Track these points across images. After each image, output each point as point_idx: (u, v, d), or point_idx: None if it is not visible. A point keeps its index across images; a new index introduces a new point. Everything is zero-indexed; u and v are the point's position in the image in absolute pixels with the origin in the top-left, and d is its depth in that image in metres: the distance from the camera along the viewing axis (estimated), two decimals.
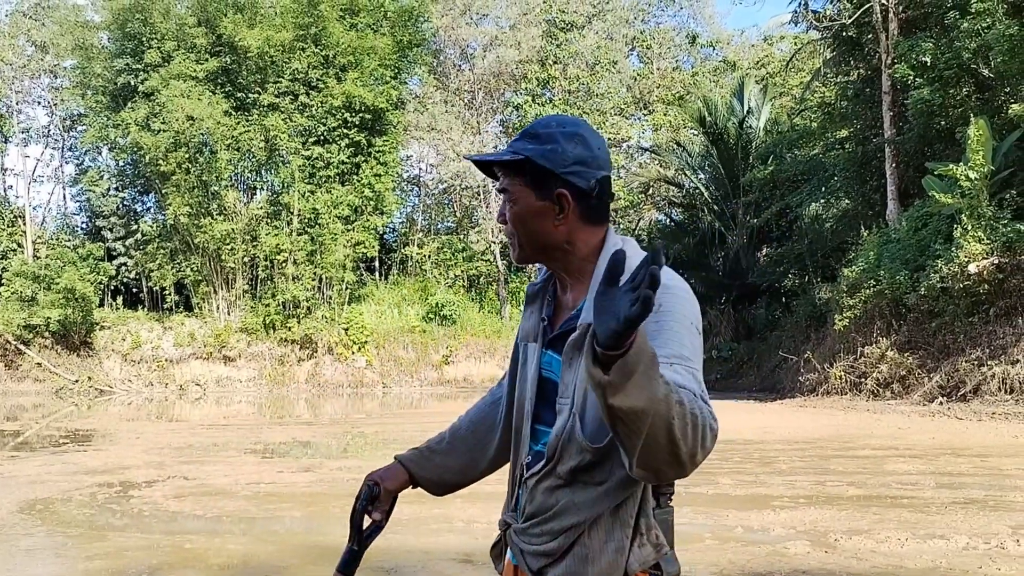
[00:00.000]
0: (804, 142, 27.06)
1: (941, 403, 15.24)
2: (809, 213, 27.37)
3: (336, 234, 27.63)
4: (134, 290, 31.03)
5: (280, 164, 28.39)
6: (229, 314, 28.18)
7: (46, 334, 26.21)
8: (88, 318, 26.59)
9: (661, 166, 36.35)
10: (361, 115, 27.73)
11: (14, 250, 29.31)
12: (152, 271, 28.51)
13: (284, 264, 27.63)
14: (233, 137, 26.91)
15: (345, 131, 27.84)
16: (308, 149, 27.77)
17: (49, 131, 33.66)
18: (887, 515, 6.11)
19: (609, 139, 35.84)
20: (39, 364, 26.19)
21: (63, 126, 33.11)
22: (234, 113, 27.22)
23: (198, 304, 28.55)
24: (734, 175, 29.46)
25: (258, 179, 29.94)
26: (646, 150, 38.82)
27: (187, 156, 26.58)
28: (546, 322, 1.54)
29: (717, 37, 44.25)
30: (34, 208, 32.47)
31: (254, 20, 27.27)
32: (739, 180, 29.02)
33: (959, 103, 18.34)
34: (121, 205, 30.75)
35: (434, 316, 29.78)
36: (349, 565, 1.65)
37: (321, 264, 27.75)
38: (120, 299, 30.40)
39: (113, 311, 29.08)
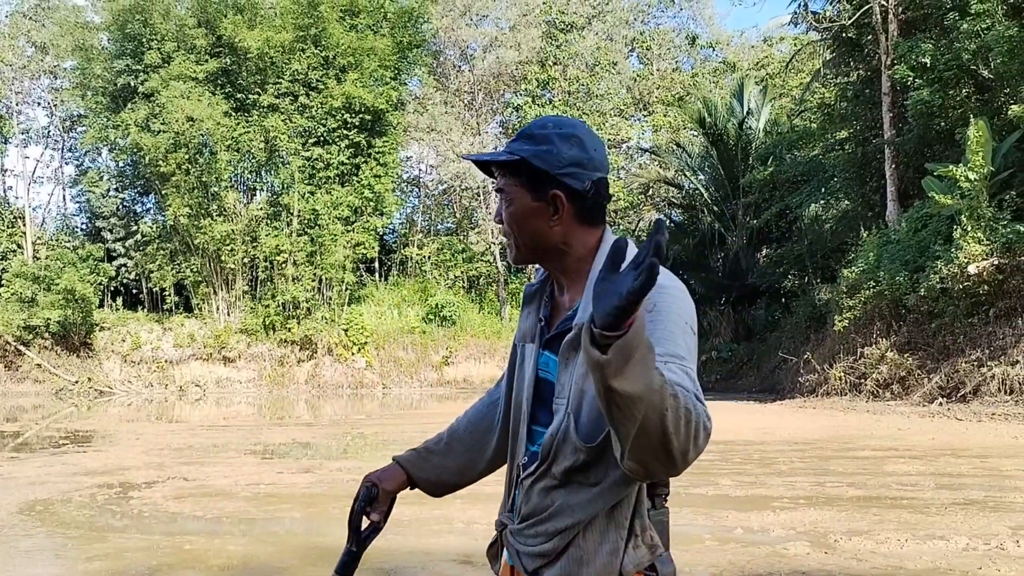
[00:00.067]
0: (804, 143, 27.06)
1: (941, 404, 15.24)
2: (809, 214, 27.38)
3: (336, 235, 27.62)
4: (134, 291, 31.02)
5: (280, 165, 28.40)
6: (229, 315, 28.18)
7: (46, 335, 26.21)
8: (88, 319, 26.59)
9: (661, 167, 36.37)
10: (361, 116, 27.74)
11: (14, 251, 29.33)
12: (152, 272, 28.51)
13: (284, 265, 27.62)
14: (233, 138, 26.91)
15: (345, 132, 27.84)
16: (308, 150, 27.77)
17: (49, 132, 33.74)
18: (887, 516, 6.11)
19: (609, 140, 35.86)
20: (39, 365, 26.19)
21: (63, 127, 33.14)
22: (234, 114, 27.22)
23: (198, 305, 28.54)
24: (734, 176, 29.46)
25: (258, 180, 29.96)
26: (646, 151, 38.85)
27: (187, 157, 26.57)
28: (543, 323, 1.55)
29: (717, 38, 44.29)
30: (34, 209, 32.54)
31: (254, 21, 27.27)
32: (739, 181, 29.02)
33: (959, 104, 18.34)
34: (121, 206, 30.75)
35: (434, 317, 29.78)
36: (347, 566, 1.64)
37: (321, 265, 27.74)
38: (120, 300, 30.39)
39: (113, 312, 29.07)
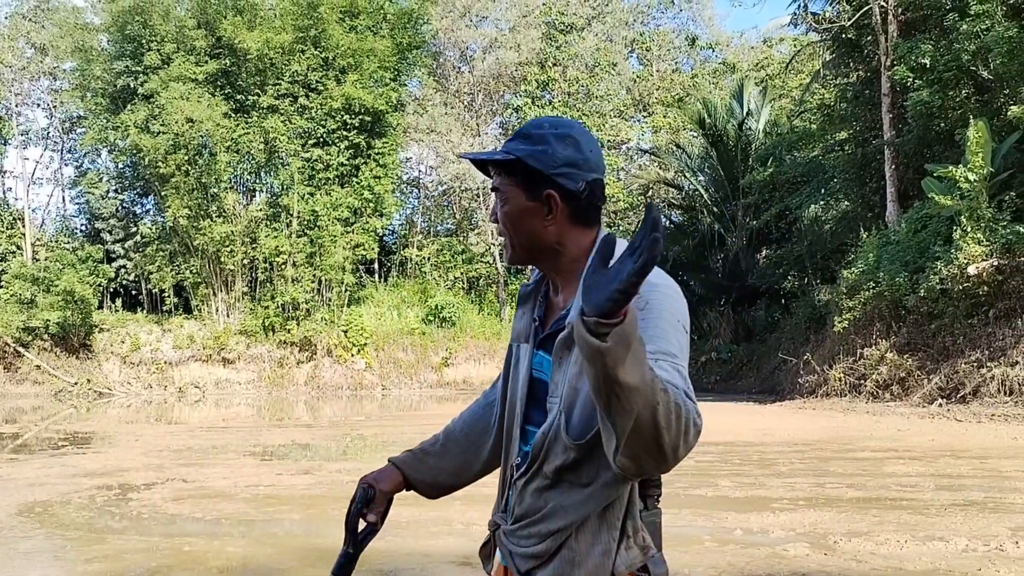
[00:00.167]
0: (803, 144, 27.08)
1: (940, 405, 15.24)
2: (808, 215, 27.38)
3: (335, 236, 27.60)
4: (133, 292, 31.01)
5: (279, 166, 28.39)
6: (228, 316, 28.16)
7: (45, 336, 26.19)
8: (87, 320, 26.57)
9: (660, 168, 36.38)
10: (361, 117, 27.73)
11: (13, 252, 29.32)
12: (151, 273, 28.50)
13: (283, 266, 27.61)
14: (232, 139, 26.89)
15: (344, 133, 27.83)
16: (307, 151, 27.76)
17: (48, 133, 33.72)
18: (886, 517, 6.11)
19: (609, 141, 35.88)
20: (38, 366, 26.18)
21: (62, 128, 33.13)
22: (233, 115, 27.21)
23: (197, 306, 28.52)
24: (733, 177, 29.47)
25: (257, 181, 29.93)
26: (645, 152, 38.87)
27: (186, 158, 26.56)
28: (537, 323, 1.55)
29: (716, 39, 44.30)
30: (33, 210, 32.51)
31: (254, 22, 27.26)
32: (738, 182, 29.03)
33: (958, 105, 18.34)
34: (120, 207, 30.74)
35: (433, 318, 29.77)
36: (344, 568, 1.64)
37: (320, 266, 27.73)
38: (119, 301, 30.37)
39: (112, 313, 29.04)
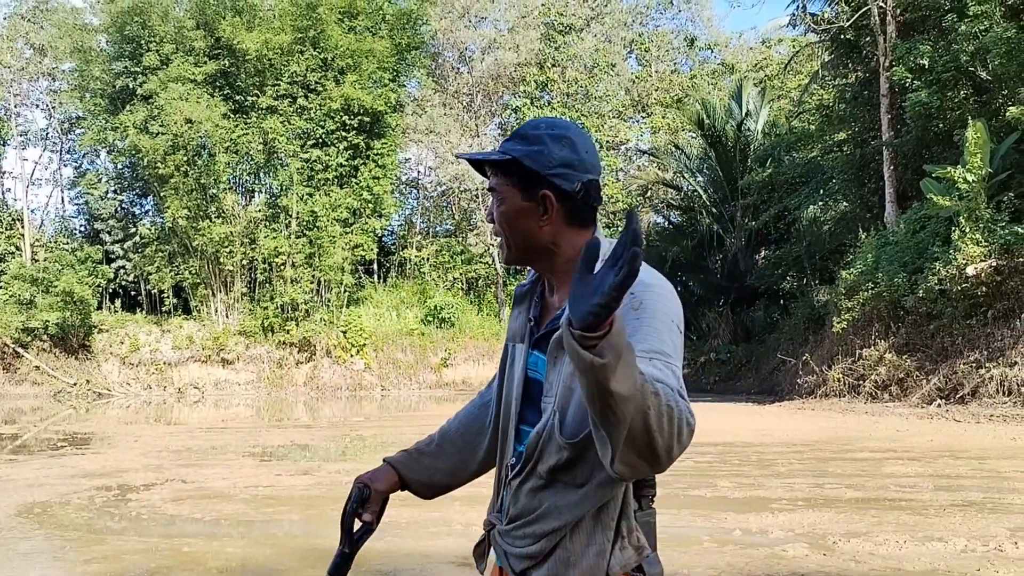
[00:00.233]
0: (802, 145, 27.08)
1: (939, 405, 15.24)
2: (807, 215, 27.39)
3: (334, 237, 27.60)
4: (132, 293, 30.98)
5: (278, 167, 28.38)
6: (227, 317, 28.15)
7: (44, 337, 26.18)
8: (86, 321, 26.55)
9: (659, 169, 36.39)
10: (360, 118, 27.72)
11: (12, 253, 29.29)
12: (150, 274, 28.48)
13: (282, 267, 27.60)
14: (231, 140, 26.89)
15: (343, 134, 27.83)
16: (306, 152, 27.75)
17: (47, 134, 33.67)
18: (885, 517, 6.11)
19: (607, 142, 35.88)
20: (37, 367, 26.16)
21: (61, 129, 33.09)
22: (232, 116, 27.20)
23: (196, 307, 28.51)
24: (732, 178, 29.48)
25: (256, 182, 29.93)
26: (644, 153, 38.88)
27: (185, 159, 26.55)
28: (533, 323, 1.55)
29: (715, 40, 44.33)
30: (32, 211, 32.46)
31: (252, 23, 27.26)
32: (737, 183, 29.04)
33: (957, 106, 18.36)
34: (119, 208, 30.71)
35: (432, 319, 29.77)
36: (340, 568, 1.64)
37: (319, 267, 27.72)
38: (118, 302, 30.34)
39: (111, 314, 29.02)
